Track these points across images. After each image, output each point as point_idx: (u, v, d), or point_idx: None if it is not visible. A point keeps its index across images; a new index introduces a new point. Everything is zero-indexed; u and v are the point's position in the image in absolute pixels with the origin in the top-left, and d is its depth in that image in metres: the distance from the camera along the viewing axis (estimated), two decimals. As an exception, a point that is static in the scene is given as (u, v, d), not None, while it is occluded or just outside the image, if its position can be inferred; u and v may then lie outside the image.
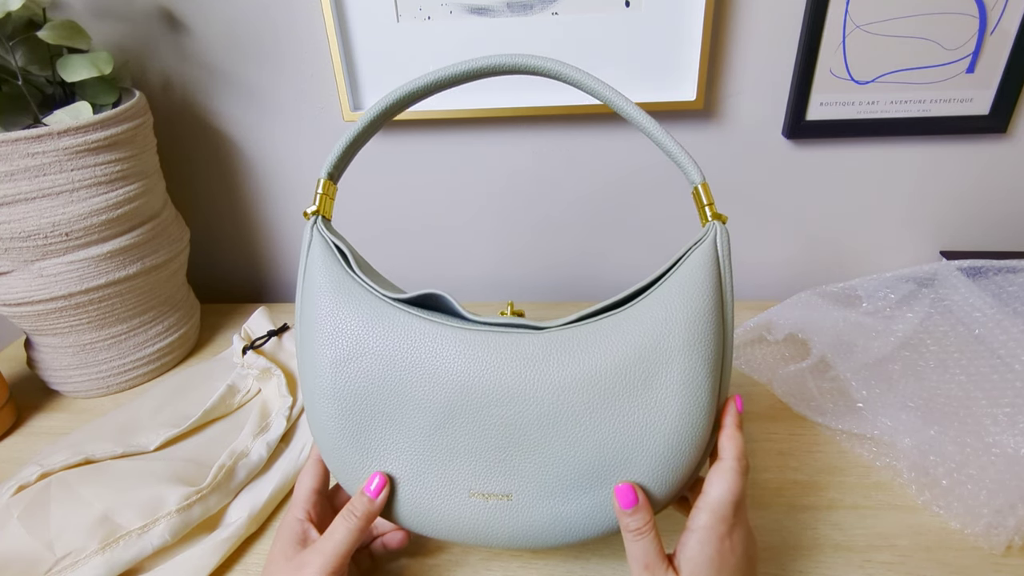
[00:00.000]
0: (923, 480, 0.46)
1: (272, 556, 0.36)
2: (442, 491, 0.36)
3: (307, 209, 0.39)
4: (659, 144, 0.37)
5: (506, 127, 0.68)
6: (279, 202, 0.75)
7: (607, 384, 0.34)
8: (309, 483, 0.39)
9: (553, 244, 0.75)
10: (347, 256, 0.38)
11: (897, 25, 0.59)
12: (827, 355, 0.57)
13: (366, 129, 0.39)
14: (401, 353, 0.35)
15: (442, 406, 0.35)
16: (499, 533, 0.36)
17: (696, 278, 0.35)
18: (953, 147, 0.66)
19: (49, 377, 0.61)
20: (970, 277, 0.59)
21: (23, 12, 0.52)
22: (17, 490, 0.44)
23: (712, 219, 0.36)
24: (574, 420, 0.34)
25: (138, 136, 0.57)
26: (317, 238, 0.39)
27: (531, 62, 0.37)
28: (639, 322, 0.35)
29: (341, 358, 0.36)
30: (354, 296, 0.37)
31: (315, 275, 0.38)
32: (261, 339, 0.61)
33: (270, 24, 0.64)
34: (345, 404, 0.36)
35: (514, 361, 0.35)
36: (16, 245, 0.52)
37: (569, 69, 0.37)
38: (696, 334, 0.34)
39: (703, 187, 0.37)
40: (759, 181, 0.69)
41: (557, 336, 0.35)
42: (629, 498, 0.34)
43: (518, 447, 0.35)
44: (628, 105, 0.37)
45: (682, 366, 0.34)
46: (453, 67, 0.38)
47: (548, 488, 0.35)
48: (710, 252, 0.35)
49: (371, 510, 0.36)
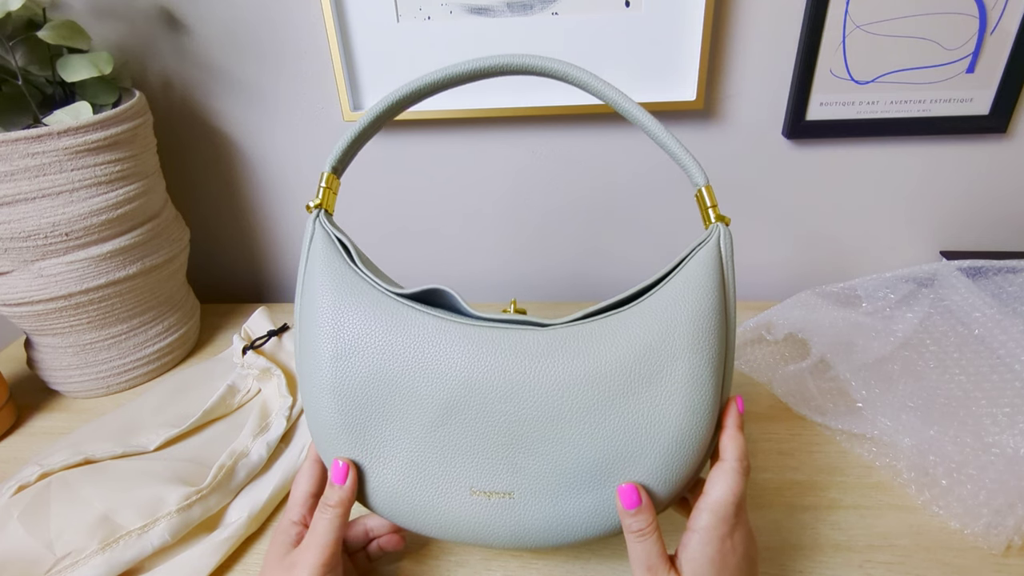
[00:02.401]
0: (923, 480, 0.46)
1: (267, 559, 0.37)
2: (443, 488, 0.36)
3: (309, 203, 0.39)
4: (663, 146, 0.37)
5: (509, 127, 0.68)
6: (279, 202, 0.75)
7: (611, 382, 0.34)
8: (305, 487, 0.39)
9: (556, 244, 0.75)
10: (349, 250, 0.38)
11: (897, 25, 0.59)
12: (827, 355, 0.57)
13: (371, 125, 0.39)
14: (403, 348, 0.35)
15: (444, 402, 0.35)
16: (500, 532, 0.36)
17: (700, 278, 0.35)
18: (953, 147, 0.66)
19: (49, 377, 0.61)
20: (970, 277, 0.59)
21: (23, 12, 0.52)
22: (17, 490, 0.44)
23: (716, 221, 0.37)
24: (577, 418, 0.34)
25: (138, 136, 0.57)
26: (319, 231, 0.38)
27: (537, 63, 0.37)
28: (643, 321, 0.35)
29: (342, 352, 0.36)
30: (356, 290, 0.37)
31: (317, 268, 0.37)
32: (261, 339, 0.61)
33: (270, 24, 0.64)
34: (345, 398, 0.36)
35: (517, 357, 0.35)
36: (16, 245, 0.52)
37: (575, 70, 0.37)
38: (700, 333, 0.34)
39: (707, 189, 0.37)
40: (759, 181, 0.69)
41: (561, 333, 0.35)
42: (632, 499, 0.34)
43: (520, 444, 0.35)
44: (632, 106, 0.37)
45: (686, 365, 0.34)
46: (458, 66, 0.38)
47: (550, 486, 0.35)
48: (713, 253, 0.36)
49: (343, 496, 0.36)
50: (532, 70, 0.37)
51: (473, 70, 0.38)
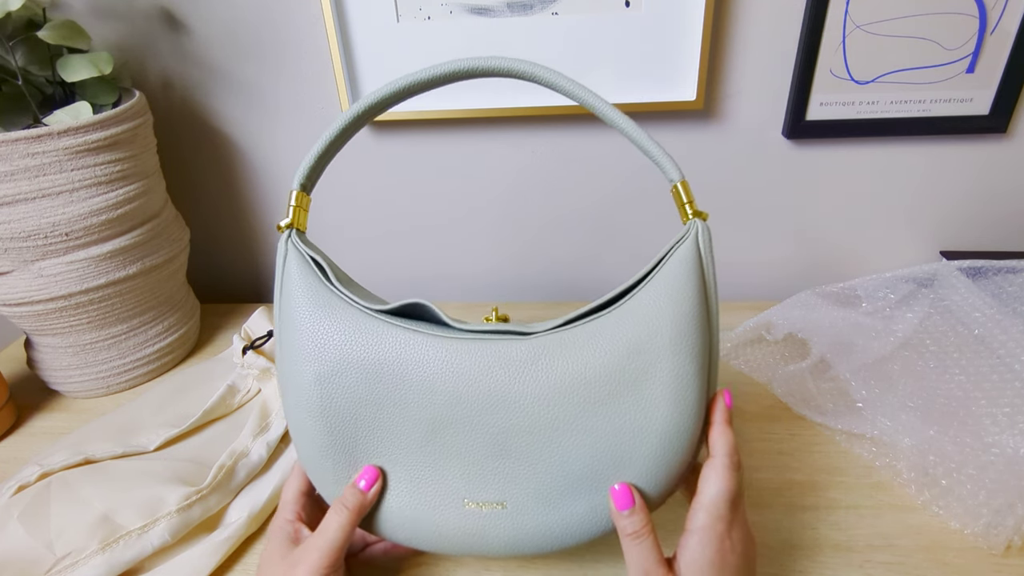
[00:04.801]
0: (922, 480, 0.46)
1: (265, 558, 0.36)
2: (436, 502, 0.36)
3: (280, 223, 0.38)
4: (636, 143, 0.37)
5: (502, 127, 0.68)
6: (279, 202, 0.75)
7: (596, 387, 0.34)
8: (296, 486, 0.39)
9: (549, 244, 0.75)
10: (325, 269, 0.37)
11: (897, 25, 0.59)
12: (827, 355, 0.57)
13: (337, 139, 0.38)
14: (386, 365, 0.35)
15: (432, 417, 0.35)
16: (495, 541, 0.36)
17: (679, 276, 0.35)
18: (953, 147, 0.66)
19: (49, 377, 0.61)
20: (970, 277, 0.59)
21: (23, 12, 0.52)
22: (17, 490, 0.44)
23: (693, 217, 0.36)
24: (565, 424, 0.34)
25: (138, 136, 0.57)
26: (293, 252, 0.37)
27: (503, 64, 0.36)
28: (625, 323, 0.35)
29: (325, 373, 0.35)
30: (335, 309, 0.36)
31: (293, 290, 0.37)
32: (261, 339, 0.61)
33: (270, 24, 0.64)
34: (332, 420, 0.35)
35: (501, 368, 0.34)
36: (16, 245, 0.52)
37: (543, 71, 0.36)
38: (683, 332, 0.34)
39: (682, 185, 0.37)
40: (759, 181, 0.69)
41: (544, 341, 0.35)
42: (626, 499, 0.33)
43: (510, 454, 0.35)
44: (604, 105, 0.36)
45: (670, 364, 0.34)
46: (422, 72, 0.37)
47: (542, 494, 0.35)
48: (692, 249, 0.35)
49: (363, 503, 0.35)
50: (499, 72, 0.36)
51: (439, 75, 0.37)
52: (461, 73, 0.37)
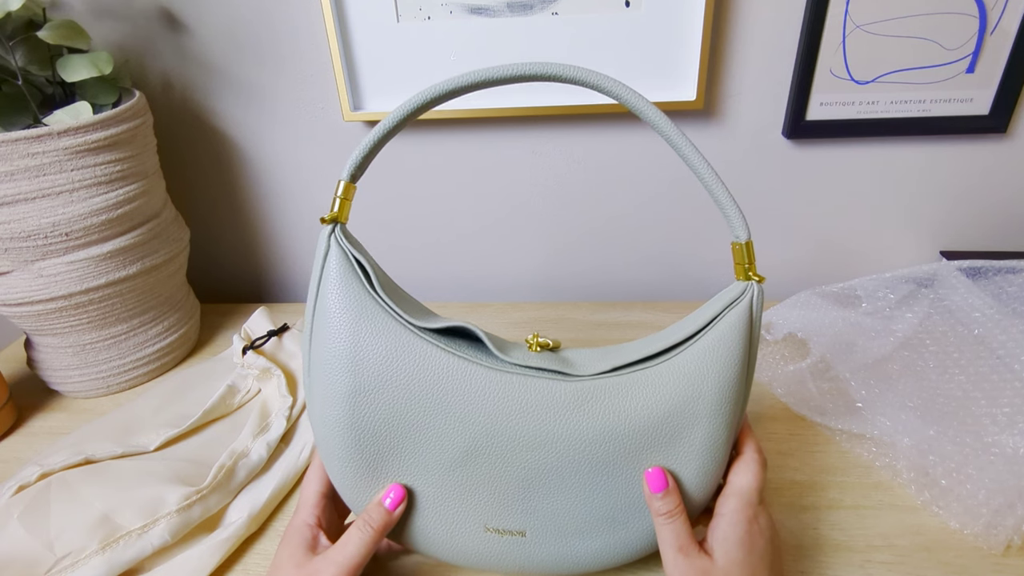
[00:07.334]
0: (922, 480, 0.46)
1: (279, 560, 0.36)
2: (457, 523, 0.36)
3: (324, 215, 0.36)
4: (710, 190, 0.36)
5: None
6: (279, 202, 0.75)
7: (632, 440, 0.35)
8: (316, 486, 0.38)
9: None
10: (369, 272, 0.36)
11: (897, 25, 0.59)
12: (827, 355, 0.57)
13: (391, 131, 0.36)
14: (426, 388, 0.34)
15: (465, 445, 0.35)
16: (509, 565, 0.37)
17: (729, 341, 0.35)
18: (953, 147, 0.66)
19: (49, 377, 0.61)
20: (970, 277, 0.59)
21: (23, 12, 0.52)
22: (17, 490, 0.44)
23: (751, 279, 0.36)
24: (595, 469, 0.35)
25: (138, 136, 0.57)
26: (335, 250, 0.36)
27: (565, 72, 0.34)
28: (670, 381, 0.35)
29: (360, 389, 0.34)
30: (377, 321, 0.35)
31: (333, 294, 0.35)
32: (261, 339, 0.61)
33: (270, 24, 0.64)
34: (361, 434, 0.35)
35: (543, 410, 0.35)
36: (16, 245, 0.52)
37: (623, 90, 0.35)
38: (724, 398, 0.35)
39: (747, 246, 0.36)
40: (759, 181, 0.69)
41: (588, 386, 0.35)
42: (659, 482, 0.35)
43: (537, 489, 0.36)
44: (684, 143, 0.35)
45: (705, 430, 0.35)
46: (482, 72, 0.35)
47: (562, 529, 0.36)
48: (744, 314, 0.35)
49: (388, 522, 0.35)
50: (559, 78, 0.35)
51: (503, 76, 0.35)
52: (516, 77, 0.35)
